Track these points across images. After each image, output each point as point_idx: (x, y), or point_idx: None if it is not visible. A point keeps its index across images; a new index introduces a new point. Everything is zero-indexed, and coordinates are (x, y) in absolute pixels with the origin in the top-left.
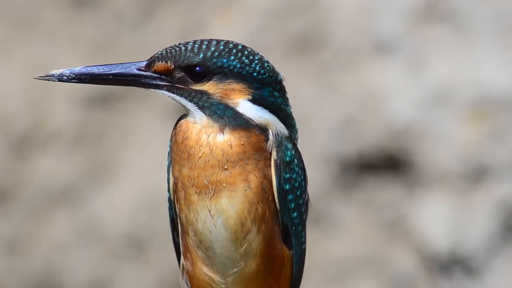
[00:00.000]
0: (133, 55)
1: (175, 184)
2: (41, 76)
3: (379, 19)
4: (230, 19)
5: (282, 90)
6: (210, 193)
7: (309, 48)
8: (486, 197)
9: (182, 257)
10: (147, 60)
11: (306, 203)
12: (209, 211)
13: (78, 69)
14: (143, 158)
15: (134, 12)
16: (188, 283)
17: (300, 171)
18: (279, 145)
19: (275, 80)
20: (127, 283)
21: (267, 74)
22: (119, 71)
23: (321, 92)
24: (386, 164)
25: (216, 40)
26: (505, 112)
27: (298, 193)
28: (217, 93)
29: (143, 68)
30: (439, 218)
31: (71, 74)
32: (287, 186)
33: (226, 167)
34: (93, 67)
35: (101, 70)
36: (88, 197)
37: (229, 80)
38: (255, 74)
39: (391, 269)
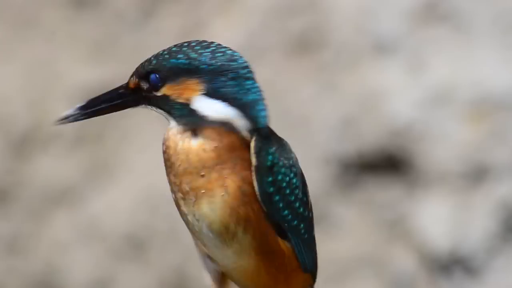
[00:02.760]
0: (133, 55)
1: (170, 187)
2: (60, 120)
3: (379, 19)
4: (230, 19)
5: (241, 77)
6: (193, 199)
7: (309, 48)
8: (486, 197)
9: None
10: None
11: (304, 197)
12: (194, 216)
13: (80, 105)
14: (143, 158)
15: (134, 12)
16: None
17: (286, 171)
18: (259, 150)
19: (228, 68)
20: (127, 283)
21: (218, 64)
22: (110, 96)
23: (321, 92)
24: (386, 164)
25: (179, 43)
26: (505, 112)
27: (288, 191)
28: (173, 94)
29: (123, 89)
30: (439, 218)
31: (78, 111)
32: (271, 189)
33: (203, 173)
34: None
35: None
36: (88, 197)
37: (181, 79)
38: (203, 66)
39: (391, 269)
